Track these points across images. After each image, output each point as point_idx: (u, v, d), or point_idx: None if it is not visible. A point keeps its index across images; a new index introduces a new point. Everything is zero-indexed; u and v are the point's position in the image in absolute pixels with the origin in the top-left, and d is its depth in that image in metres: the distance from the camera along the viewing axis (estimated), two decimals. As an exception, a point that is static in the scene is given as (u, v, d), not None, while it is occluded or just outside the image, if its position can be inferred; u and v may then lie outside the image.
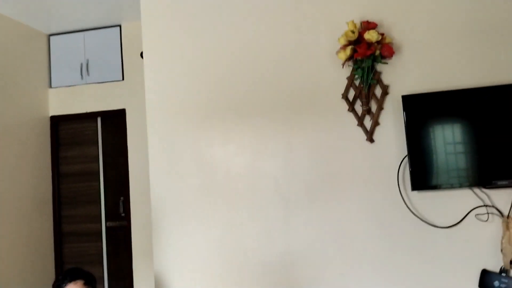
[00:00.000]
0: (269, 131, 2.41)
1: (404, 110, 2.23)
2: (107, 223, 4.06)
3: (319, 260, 2.28)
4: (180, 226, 2.45)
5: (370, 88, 2.34)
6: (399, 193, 2.26)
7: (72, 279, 2.03)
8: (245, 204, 2.39)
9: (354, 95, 2.36)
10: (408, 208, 2.25)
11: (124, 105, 3.98)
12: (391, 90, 2.33)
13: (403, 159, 2.26)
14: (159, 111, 2.56)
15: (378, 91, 2.34)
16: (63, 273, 2.11)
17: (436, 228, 2.22)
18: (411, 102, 2.24)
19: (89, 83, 4.05)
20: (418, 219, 2.23)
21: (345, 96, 2.37)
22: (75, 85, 4.08)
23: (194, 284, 2.40)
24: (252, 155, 2.42)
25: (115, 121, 4.06)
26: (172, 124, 2.54)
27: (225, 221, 2.40)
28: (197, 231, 2.43)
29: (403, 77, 2.33)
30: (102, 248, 4.04)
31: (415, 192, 2.25)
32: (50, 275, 3.99)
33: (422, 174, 2.19)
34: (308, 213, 2.32)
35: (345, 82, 2.37)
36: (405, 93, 2.29)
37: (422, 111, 2.23)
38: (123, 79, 3.99)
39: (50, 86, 4.14)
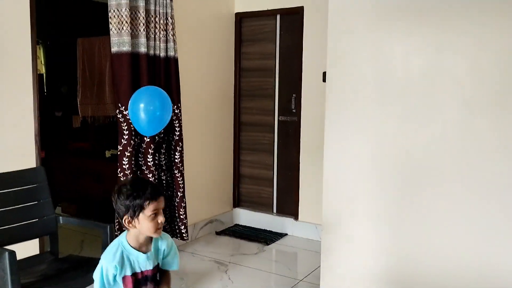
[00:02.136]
0: (457, 26, 2.21)
1: None
2: (279, 117, 4.38)
3: (493, 174, 2.16)
4: (352, 122, 2.53)
5: None
6: None
7: (154, 197, 1.72)
8: (420, 105, 2.33)
9: None
10: None
11: (303, 2, 4.03)
12: None
13: None
14: (340, 6, 2.54)
15: None
16: (139, 189, 1.72)
17: None
18: None
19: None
20: None
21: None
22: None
23: (357, 179, 2.52)
24: (434, 53, 2.28)
25: (292, 19, 4.16)
26: (351, 21, 2.51)
27: (397, 120, 2.39)
28: (366, 129, 2.48)
29: None
30: (273, 139, 4.42)
31: None
32: (229, 157, 4.58)
33: None
34: (493, 120, 2.16)
35: None
36: None
37: None
38: (302, -24, 4.00)
39: (236, -17, 4.40)
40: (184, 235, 3.65)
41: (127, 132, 3.17)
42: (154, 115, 2.32)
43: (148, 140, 3.28)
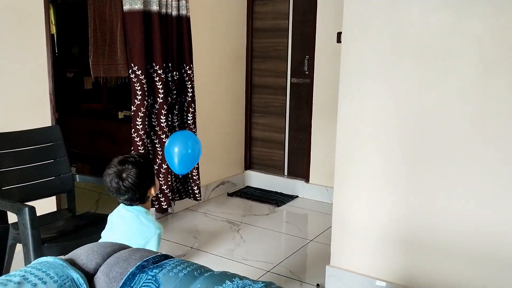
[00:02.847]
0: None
1: None
2: (292, 79, 4.33)
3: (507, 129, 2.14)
4: (367, 83, 2.50)
5: None
6: None
7: None
8: (438, 64, 2.27)
9: None
10: None
11: (318, -40, 3.91)
12: None
13: None
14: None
15: None
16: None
17: None
18: None
19: None
20: None
21: None
22: None
23: (370, 140, 2.51)
24: (455, 11, 2.22)
25: (307, -23, 4.05)
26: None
27: (413, 79, 2.35)
28: (381, 89, 2.45)
29: None
30: (285, 101, 4.40)
31: None
32: (241, 119, 4.57)
33: None
34: (511, 83, 2.12)
35: None
36: None
37: None
38: None
39: None
40: (197, 195, 3.71)
41: (140, 92, 3.17)
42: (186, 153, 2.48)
43: (161, 100, 3.28)
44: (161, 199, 3.47)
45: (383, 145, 2.47)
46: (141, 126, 3.20)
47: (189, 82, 3.51)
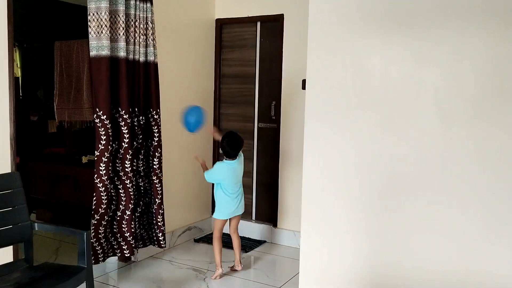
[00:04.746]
0: (435, 37, 2.27)
1: None
2: (259, 124, 4.39)
3: (471, 181, 2.21)
4: (331, 130, 2.56)
5: None
6: None
7: None
8: (398, 114, 2.37)
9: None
10: None
11: (283, 10, 4.07)
12: None
13: None
14: (320, 14, 2.58)
15: None
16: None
17: None
18: None
19: (253, -13, 4.20)
20: None
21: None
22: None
23: (335, 186, 2.54)
24: (412, 62, 2.33)
25: (273, 26, 4.19)
26: (332, 30, 2.55)
27: (375, 127, 2.43)
28: (344, 137, 2.51)
29: None
30: (253, 146, 4.43)
31: None
32: (209, 163, 4.54)
33: None
34: (469, 131, 2.22)
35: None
36: None
37: None
38: (283, -16, 4.04)
39: (217, -10, 4.41)
40: (161, 242, 3.61)
41: (104, 137, 3.12)
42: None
43: (126, 145, 3.24)
44: (123, 247, 3.35)
45: (348, 191, 2.51)
46: (104, 172, 3.14)
47: (156, 127, 3.49)
